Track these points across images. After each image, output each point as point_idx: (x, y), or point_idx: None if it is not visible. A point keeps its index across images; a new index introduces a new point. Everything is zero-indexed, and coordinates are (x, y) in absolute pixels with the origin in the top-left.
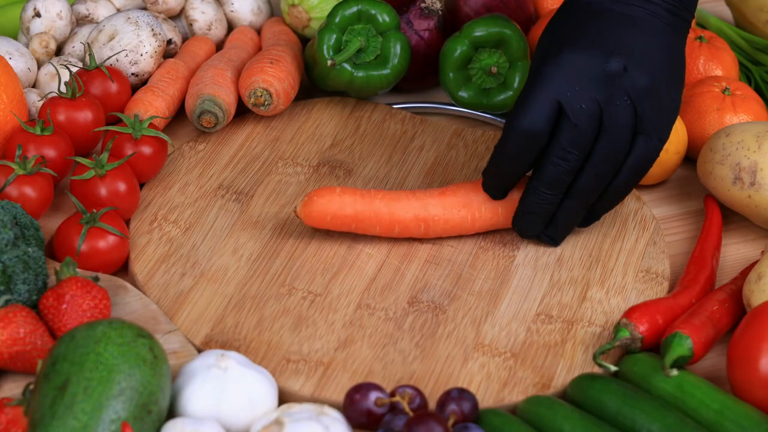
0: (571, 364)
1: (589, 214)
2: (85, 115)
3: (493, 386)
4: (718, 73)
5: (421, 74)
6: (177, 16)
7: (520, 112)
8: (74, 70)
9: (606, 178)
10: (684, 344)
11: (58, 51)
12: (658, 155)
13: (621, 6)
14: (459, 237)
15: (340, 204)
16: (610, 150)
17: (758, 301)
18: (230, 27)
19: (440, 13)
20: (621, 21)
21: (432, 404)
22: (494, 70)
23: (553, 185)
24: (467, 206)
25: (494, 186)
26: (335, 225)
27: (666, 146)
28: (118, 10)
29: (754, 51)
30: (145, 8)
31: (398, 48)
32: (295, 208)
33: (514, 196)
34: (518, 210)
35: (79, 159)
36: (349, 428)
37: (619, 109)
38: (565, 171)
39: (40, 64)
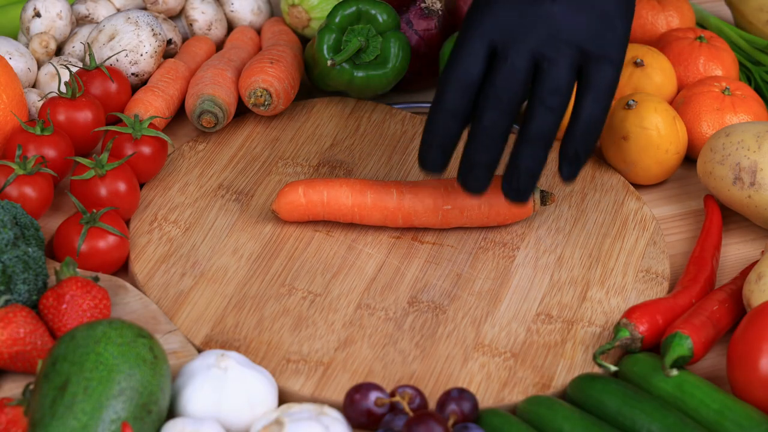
0: (571, 364)
1: (569, 162)
2: (85, 115)
3: (493, 386)
4: (718, 73)
5: (421, 74)
6: (177, 16)
7: (453, 61)
8: (74, 70)
9: (558, 114)
10: (684, 344)
11: (58, 51)
12: (616, 78)
13: None
14: (459, 237)
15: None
16: (552, 83)
17: (758, 301)
18: (230, 27)
19: (440, 13)
20: None
21: (432, 404)
22: None
23: (493, 130)
24: (433, 196)
25: (435, 152)
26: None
27: (666, 146)
28: (118, 10)
29: (754, 51)
30: (145, 8)
31: (398, 48)
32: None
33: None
34: (461, 163)
35: (79, 159)
36: (349, 428)
37: (555, 44)
38: (502, 113)
39: (40, 64)
